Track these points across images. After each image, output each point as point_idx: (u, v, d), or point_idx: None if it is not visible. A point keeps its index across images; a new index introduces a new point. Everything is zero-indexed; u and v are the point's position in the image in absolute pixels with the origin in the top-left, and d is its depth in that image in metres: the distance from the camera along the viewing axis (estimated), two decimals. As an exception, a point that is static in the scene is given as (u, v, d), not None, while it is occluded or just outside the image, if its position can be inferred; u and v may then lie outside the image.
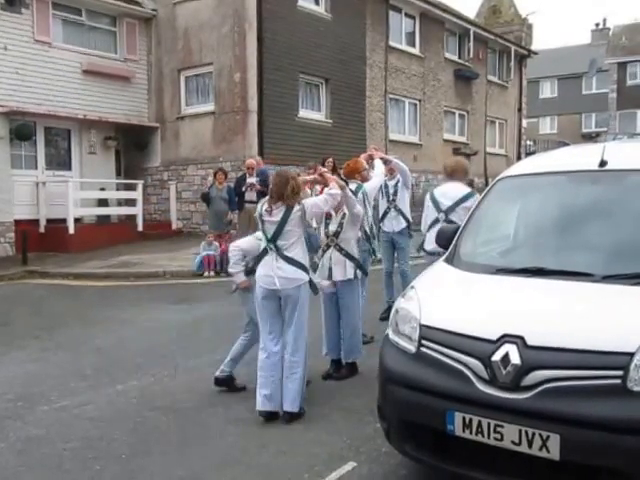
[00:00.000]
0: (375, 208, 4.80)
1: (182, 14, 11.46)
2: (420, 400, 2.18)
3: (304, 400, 3.24)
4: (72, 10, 10.79)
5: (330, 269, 3.74)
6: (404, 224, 5.32)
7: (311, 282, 3.30)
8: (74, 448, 2.92)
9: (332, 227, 3.77)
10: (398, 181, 5.28)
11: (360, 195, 4.28)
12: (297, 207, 3.19)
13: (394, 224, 5.29)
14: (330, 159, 8.79)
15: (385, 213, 5.32)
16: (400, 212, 5.30)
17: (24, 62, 9.95)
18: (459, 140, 16.17)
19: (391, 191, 5.31)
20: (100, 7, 11.09)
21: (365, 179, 4.46)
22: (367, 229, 4.36)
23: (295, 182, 3.21)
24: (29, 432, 3.14)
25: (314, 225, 3.61)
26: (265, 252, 3.22)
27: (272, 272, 3.16)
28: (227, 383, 3.63)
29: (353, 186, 4.38)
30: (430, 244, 4.01)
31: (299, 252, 3.21)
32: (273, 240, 3.18)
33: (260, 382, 3.18)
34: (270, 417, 3.15)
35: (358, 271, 3.80)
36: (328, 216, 3.77)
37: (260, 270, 3.22)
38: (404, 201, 5.34)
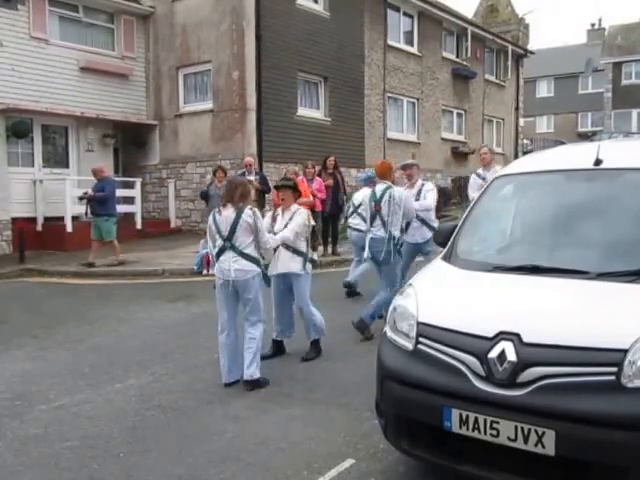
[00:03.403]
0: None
1: (180, 11, 11.42)
2: (417, 397, 2.20)
3: (259, 367, 3.66)
4: (69, 7, 10.74)
5: (280, 264, 4.07)
6: (429, 234, 5.02)
7: (264, 275, 3.78)
8: (72, 447, 2.92)
9: (278, 227, 4.07)
10: (420, 191, 5.13)
11: (386, 196, 4.54)
12: (248, 212, 3.61)
13: (417, 235, 5.09)
14: (332, 158, 8.82)
15: (408, 224, 5.08)
16: (423, 222, 5.08)
17: (20, 59, 9.90)
18: (457, 139, 16.19)
19: None
20: (97, 4, 11.05)
21: (394, 181, 4.71)
22: (393, 231, 4.54)
23: (244, 187, 3.69)
24: (27, 431, 3.14)
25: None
26: (222, 250, 3.64)
27: (229, 266, 3.60)
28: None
29: (382, 186, 4.61)
30: None
31: (253, 250, 3.66)
32: (229, 239, 3.61)
33: (222, 359, 3.71)
34: (232, 384, 3.68)
35: (308, 264, 4.11)
36: (274, 219, 4.12)
37: (219, 265, 3.67)
38: (427, 210, 5.12)
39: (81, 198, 8.63)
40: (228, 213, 3.64)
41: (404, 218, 4.72)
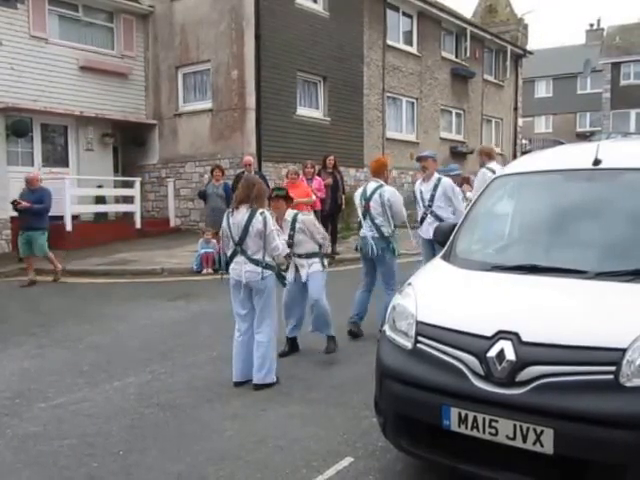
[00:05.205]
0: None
1: (179, 10, 11.42)
2: (416, 395, 2.21)
3: (273, 371, 3.66)
4: (68, 6, 10.73)
5: (296, 271, 4.14)
6: None
7: (279, 275, 3.74)
8: (71, 445, 2.93)
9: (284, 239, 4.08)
10: (436, 186, 4.98)
11: (376, 195, 4.50)
12: (259, 217, 3.54)
13: (431, 231, 4.83)
14: (331, 157, 8.83)
15: (422, 219, 4.99)
16: (437, 218, 4.91)
17: (20, 58, 9.89)
18: (456, 139, 16.21)
19: (426, 196, 5.00)
20: (97, 3, 11.04)
21: (387, 180, 4.66)
22: (384, 231, 4.50)
23: (260, 187, 3.63)
24: (26, 429, 3.14)
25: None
26: (235, 253, 3.63)
27: (241, 267, 3.60)
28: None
29: (373, 184, 4.57)
30: None
31: (264, 255, 3.59)
32: (240, 243, 3.58)
33: (235, 358, 3.69)
34: (242, 384, 3.67)
35: (324, 260, 4.18)
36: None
37: (232, 265, 3.68)
38: (443, 207, 4.95)
39: (13, 203, 7.86)
40: (240, 217, 3.55)
41: (393, 220, 4.58)
